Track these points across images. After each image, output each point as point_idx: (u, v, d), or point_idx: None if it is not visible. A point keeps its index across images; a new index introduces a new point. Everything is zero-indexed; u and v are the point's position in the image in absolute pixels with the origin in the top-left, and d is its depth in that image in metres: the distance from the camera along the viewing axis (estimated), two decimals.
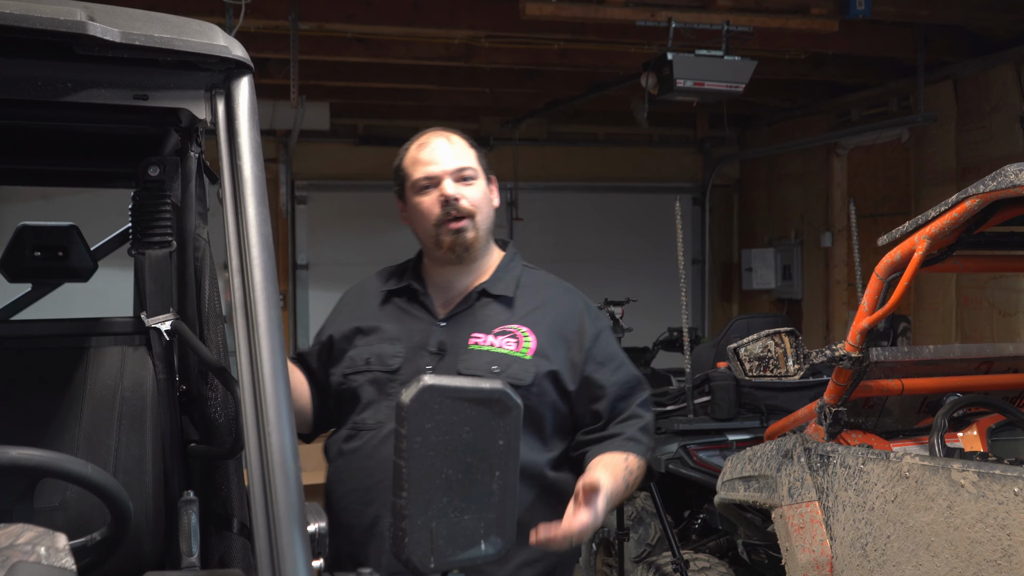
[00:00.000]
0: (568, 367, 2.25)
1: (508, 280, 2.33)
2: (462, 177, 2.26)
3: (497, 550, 1.33)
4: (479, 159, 2.33)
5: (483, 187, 2.30)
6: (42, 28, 1.44)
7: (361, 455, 2.26)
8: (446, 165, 2.26)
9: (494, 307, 2.28)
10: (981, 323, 6.99)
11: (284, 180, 8.80)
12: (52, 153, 2.57)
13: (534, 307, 2.30)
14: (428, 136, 2.32)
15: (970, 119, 7.06)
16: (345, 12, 5.86)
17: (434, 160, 2.27)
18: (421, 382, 1.28)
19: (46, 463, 1.51)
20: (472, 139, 2.36)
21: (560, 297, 2.35)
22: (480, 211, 2.27)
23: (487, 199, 2.31)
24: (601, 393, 2.27)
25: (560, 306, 2.32)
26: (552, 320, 2.28)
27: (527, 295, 2.32)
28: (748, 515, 3.82)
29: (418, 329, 2.29)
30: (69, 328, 2.43)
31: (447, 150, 2.28)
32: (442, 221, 2.25)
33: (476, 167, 2.29)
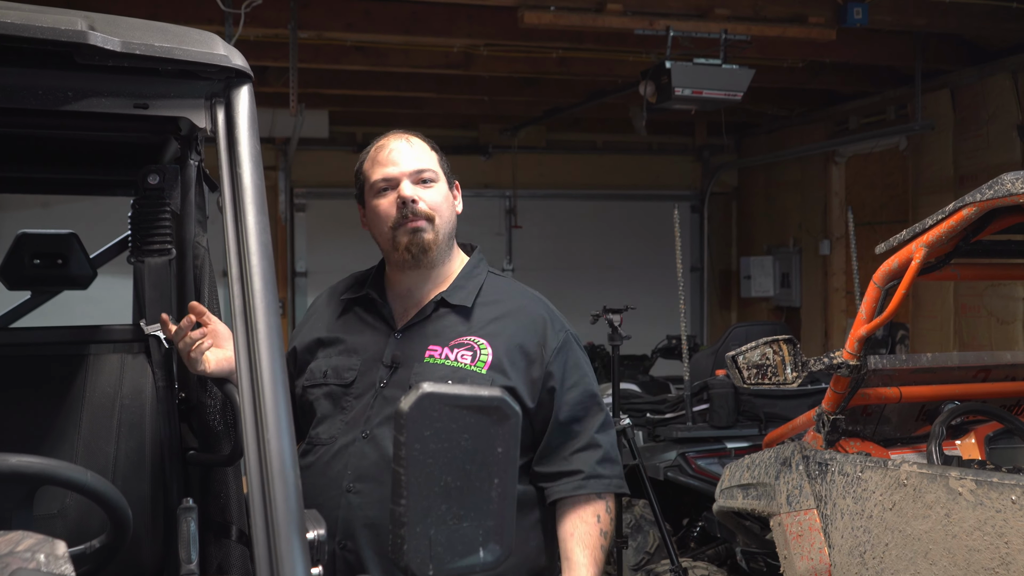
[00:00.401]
0: (527, 383, 2.15)
1: (469, 289, 2.24)
2: (421, 179, 2.18)
3: (496, 557, 1.33)
4: (441, 162, 2.25)
5: (444, 191, 2.22)
6: (43, 37, 1.45)
7: (314, 471, 2.15)
8: (404, 167, 2.18)
9: (452, 318, 2.20)
10: (979, 331, 7.00)
11: (283, 187, 8.82)
12: (52, 161, 2.58)
13: (494, 317, 2.20)
14: (387, 139, 2.25)
15: (967, 127, 7.07)
16: (344, 21, 5.88)
17: (392, 161, 2.19)
18: (420, 390, 1.29)
19: (45, 470, 1.51)
20: (434, 143, 2.30)
21: (524, 308, 2.24)
22: (439, 214, 2.18)
23: (448, 203, 2.22)
24: (556, 413, 2.17)
25: (522, 317, 2.21)
26: (513, 332, 2.18)
27: (489, 305, 2.22)
28: (747, 523, 3.82)
29: (375, 341, 2.22)
30: (68, 336, 2.44)
31: (406, 152, 2.20)
32: (399, 223, 2.16)
33: (436, 169, 2.22)
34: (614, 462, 2.21)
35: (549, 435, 2.18)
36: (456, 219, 2.27)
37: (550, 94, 8.07)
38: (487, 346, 2.15)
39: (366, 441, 2.11)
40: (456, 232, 2.29)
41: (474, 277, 2.27)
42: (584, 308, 4.88)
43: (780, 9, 5.80)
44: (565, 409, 2.17)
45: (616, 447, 2.25)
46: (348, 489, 2.09)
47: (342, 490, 2.10)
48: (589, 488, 2.14)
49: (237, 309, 1.47)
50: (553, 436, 2.18)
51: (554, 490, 2.16)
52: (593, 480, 2.15)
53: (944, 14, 5.97)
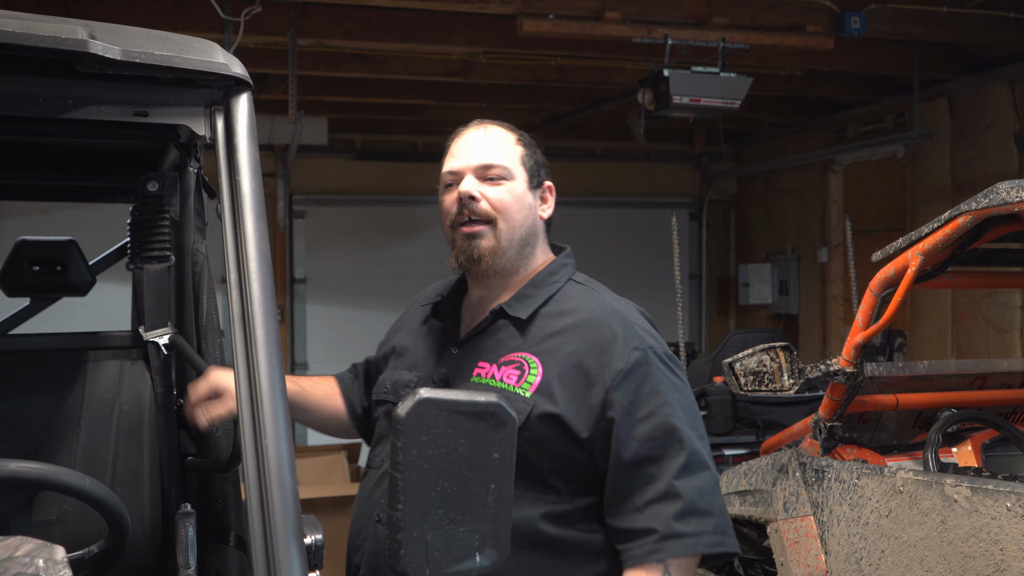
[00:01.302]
0: (581, 410, 1.82)
1: (536, 298, 1.95)
2: (488, 176, 1.94)
3: (492, 562, 1.34)
4: (526, 158, 1.98)
5: (517, 190, 1.95)
6: (43, 46, 1.46)
7: (360, 496, 2.03)
8: (471, 159, 1.94)
9: (509, 330, 1.93)
10: (977, 339, 7.01)
11: (282, 194, 8.83)
12: (52, 168, 2.59)
13: (555, 331, 1.90)
14: (465, 128, 2.02)
15: (965, 136, 7.09)
16: (343, 28, 5.90)
17: (461, 152, 1.96)
18: (417, 395, 1.30)
19: (44, 476, 1.52)
20: (525, 136, 2.04)
21: (593, 320, 1.90)
22: (505, 217, 1.92)
23: (521, 205, 1.95)
24: (622, 451, 1.80)
25: (587, 331, 1.89)
26: (572, 350, 1.87)
27: (554, 317, 1.93)
28: (744, 529, 3.83)
29: (435, 354, 2.02)
30: (67, 342, 2.44)
31: (478, 143, 1.96)
32: (456, 223, 1.94)
33: (511, 166, 1.95)
34: (702, 514, 1.78)
35: (613, 477, 1.82)
36: (539, 224, 2.02)
37: (549, 102, 8.09)
38: (537, 364, 1.87)
39: None
40: (548, 232, 2.06)
41: (547, 285, 1.98)
42: None
43: (778, 18, 5.82)
44: (632, 446, 1.80)
45: (710, 495, 1.80)
46: (379, 519, 1.93)
47: (372, 520, 1.95)
48: (665, 552, 1.75)
49: (235, 316, 1.48)
50: (619, 479, 1.81)
51: (626, 556, 1.80)
52: (671, 541, 1.75)
53: (941, 24, 5.99)
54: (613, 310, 1.93)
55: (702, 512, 1.78)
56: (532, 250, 2.00)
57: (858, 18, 5.62)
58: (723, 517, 1.81)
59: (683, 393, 1.88)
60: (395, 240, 8.79)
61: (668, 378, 1.86)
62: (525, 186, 1.97)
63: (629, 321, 1.91)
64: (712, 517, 1.78)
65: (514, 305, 1.95)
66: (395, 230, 8.85)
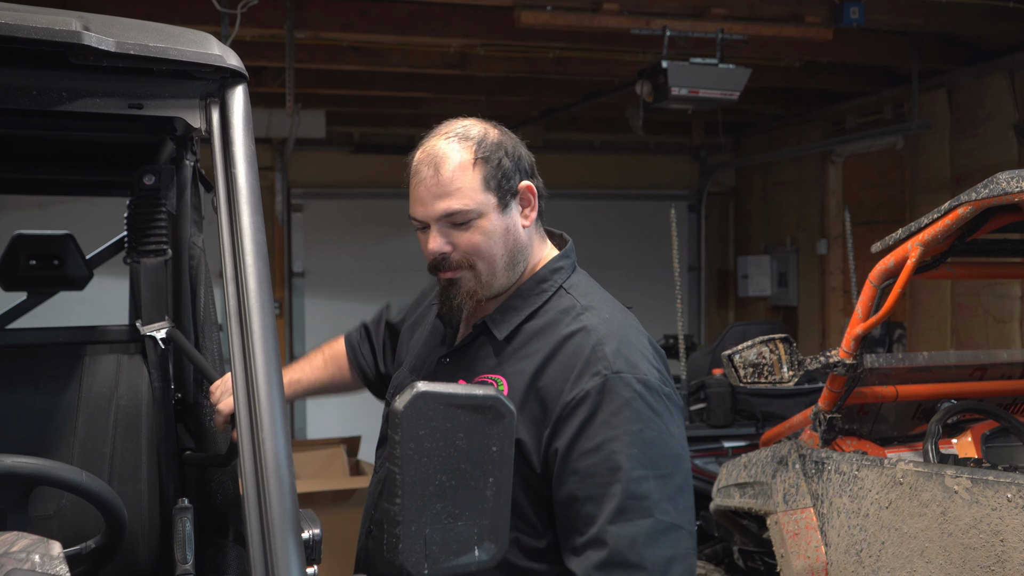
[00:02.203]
0: (534, 438, 1.70)
1: (520, 311, 1.84)
2: (452, 223, 1.79)
3: (491, 556, 1.33)
4: (488, 179, 1.80)
5: (488, 225, 1.79)
6: (37, 38, 1.45)
7: (368, 501, 2.01)
8: (431, 209, 1.79)
9: (488, 348, 1.84)
10: (976, 330, 7.00)
11: (280, 188, 8.81)
12: (48, 162, 2.58)
13: (528, 353, 1.78)
14: (422, 154, 1.85)
15: (964, 127, 7.08)
16: (340, 21, 5.88)
17: (419, 200, 1.82)
18: (415, 389, 1.29)
19: (41, 471, 1.51)
20: (489, 142, 1.84)
21: (569, 337, 1.76)
22: (482, 256, 1.80)
23: (495, 237, 1.81)
24: (559, 486, 1.66)
25: (557, 350, 1.75)
26: (537, 369, 1.74)
27: (532, 334, 1.81)
28: (744, 522, 3.83)
29: (431, 361, 1.94)
30: (64, 336, 2.44)
31: (432, 188, 1.79)
32: (434, 270, 1.85)
33: (474, 204, 1.78)
34: (628, 568, 1.58)
35: (557, 513, 1.69)
36: (523, 236, 1.86)
37: (547, 94, 8.08)
38: (505, 386, 1.76)
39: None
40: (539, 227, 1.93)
41: (535, 295, 1.86)
42: None
43: (776, 9, 5.80)
44: (571, 482, 1.64)
45: (643, 547, 1.59)
46: (369, 531, 1.92)
47: (366, 528, 1.95)
48: None
49: (232, 309, 1.47)
50: (561, 516, 1.68)
51: None
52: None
53: (940, 14, 5.97)
54: (593, 329, 1.76)
55: (628, 565, 1.58)
56: (523, 264, 1.87)
57: (857, 8, 5.61)
58: (656, 572, 1.59)
59: (648, 426, 1.65)
60: (394, 234, 8.78)
61: (633, 408, 1.66)
62: (496, 213, 1.80)
63: (605, 342, 1.73)
64: (641, 572, 1.58)
65: (496, 319, 1.84)
66: (394, 224, 8.83)
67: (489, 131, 1.87)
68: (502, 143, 1.85)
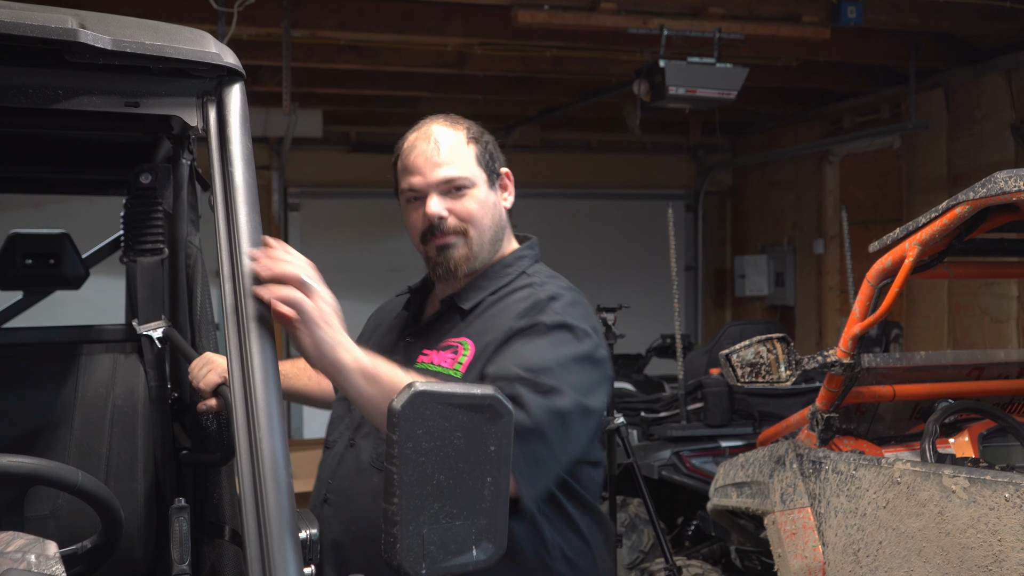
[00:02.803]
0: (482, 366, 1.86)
1: (485, 288, 2.00)
2: (451, 189, 1.97)
3: (489, 556, 1.33)
4: (481, 156, 2.01)
5: (481, 195, 1.99)
6: (33, 36, 1.44)
7: (323, 473, 2.10)
8: (431, 176, 1.96)
9: (455, 319, 1.99)
10: (973, 330, 7.01)
11: (277, 187, 8.81)
12: (44, 161, 2.57)
13: (488, 312, 1.96)
14: (417, 135, 2.03)
15: (961, 127, 7.09)
16: (338, 20, 5.87)
17: (418, 169, 1.98)
18: (412, 388, 1.28)
19: (36, 471, 1.51)
20: (475, 128, 2.06)
21: (526, 295, 1.94)
22: (475, 224, 1.97)
23: (487, 207, 2.00)
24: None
25: (515, 303, 1.93)
26: (499, 323, 1.91)
27: (493, 302, 1.97)
28: (741, 521, 3.83)
29: (392, 344, 2.07)
30: (60, 335, 2.43)
31: (432, 156, 1.97)
32: (427, 238, 2.00)
33: (470, 174, 1.98)
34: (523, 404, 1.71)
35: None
36: (505, 217, 2.06)
37: (544, 93, 8.07)
38: (470, 345, 1.91)
39: (350, 449, 2.03)
40: (510, 217, 2.10)
41: (499, 277, 2.02)
42: None
43: (774, 8, 5.80)
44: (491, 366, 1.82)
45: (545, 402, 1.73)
46: (325, 499, 2.02)
47: (321, 499, 2.05)
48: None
49: (229, 308, 1.47)
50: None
51: None
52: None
53: (937, 13, 5.98)
54: (545, 288, 1.94)
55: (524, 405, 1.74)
56: (500, 244, 2.06)
57: (854, 8, 5.61)
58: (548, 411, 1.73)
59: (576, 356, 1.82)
60: (390, 233, 8.76)
61: (569, 348, 1.83)
62: (486, 187, 2.01)
63: (557, 298, 1.91)
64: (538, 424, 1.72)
65: (463, 295, 2.01)
66: (390, 223, 8.81)
67: (473, 123, 2.09)
68: (485, 131, 2.08)
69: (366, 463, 1.98)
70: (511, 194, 2.09)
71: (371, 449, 1.97)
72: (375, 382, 1.57)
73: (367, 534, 1.86)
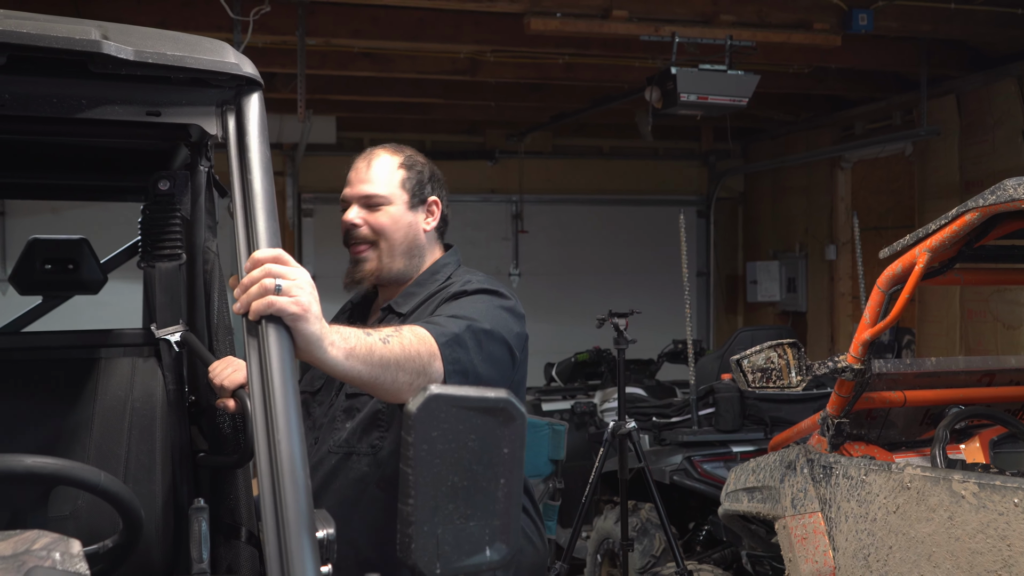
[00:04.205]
0: None
1: (418, 295, 2.24)
2: (369, 204, 2.25)
3: (502, 556, 1.35)
4: (406, 182, 2.27)
5: (396, 212, 2.24)
6: (58, 47, 1.47)
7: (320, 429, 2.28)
8: (355, 189, 2.27)
9: (395, 323, 2.18)
10: (985, 336, 7.00)
11: (291, 193, 8.86)
12: (64, 167, 2.61)
13: (422, 313, 2.17)
14: (361, 156, 2.32)
15: (973, 133, 7.08)
16: (351, 27, 5.91)
17: (349, 183, 2.30)
18: (427, 391, 1.31)
19: (61, 471, 1.53)
20: (415, 159, 2.32)
21: (448, 287, 2.22)
22: (386, 237, 2.23)
23: (400, 224, 2.25)
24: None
25: (440, 294, 2.20)
26: (425, 310, 2.16)
27: (431, 305, 2.18)
28: (752, 526, 3.84)
29: None
30: (80, 340, 2.46)
31: (362, 173, 2.28)
32: (346, 242, 2.29)
33: (388, 192, 2.24)
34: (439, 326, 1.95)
35: None
36: (423, 236, 2.29)
37: (556, 100, 8.10)
38: None
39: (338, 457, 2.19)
40: (441, 237, 2.35)
41: (430, 283, 2.27)
42: (590, 312, 4.90)
43: (785, 15, 5.82)
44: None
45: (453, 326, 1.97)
46: (331, 450, 2.19)
47: (341, 454, 2.19)
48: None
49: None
50: None
51: None
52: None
53: (949, 20, 5.98)
54: (467, 275, 2.24)
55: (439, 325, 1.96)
56: (420, 259, 2.30)
57: (865, 15, 5.62)
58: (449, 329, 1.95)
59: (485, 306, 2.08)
60: None
61: (476, 300, 2.10)
62: (404, 208, 2.26)
63: (475, 276, 2.22)
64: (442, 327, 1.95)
65: (399, 302, 2.26)
66: None
67: (419, 155, 2.35)
68: (427, 164, 2.34)
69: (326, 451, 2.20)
70: (435, 219, 2.33)
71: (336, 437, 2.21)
72: (353, 357, 1.66)
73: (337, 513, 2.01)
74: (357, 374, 1.67)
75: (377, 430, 2.16)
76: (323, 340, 1.56)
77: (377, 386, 1.74)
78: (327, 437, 2.21)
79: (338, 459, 2.18)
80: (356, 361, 1.65)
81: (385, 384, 1.74)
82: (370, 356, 1.68)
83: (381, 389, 1.76)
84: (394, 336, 1.78)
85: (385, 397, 1.87)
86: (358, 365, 1.65)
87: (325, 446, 2.20)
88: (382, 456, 2.14)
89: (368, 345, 1.69)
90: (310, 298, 1.53)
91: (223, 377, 2.10)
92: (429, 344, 1.85)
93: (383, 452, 2.14)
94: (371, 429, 2.16)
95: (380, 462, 2.14)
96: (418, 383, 1.76)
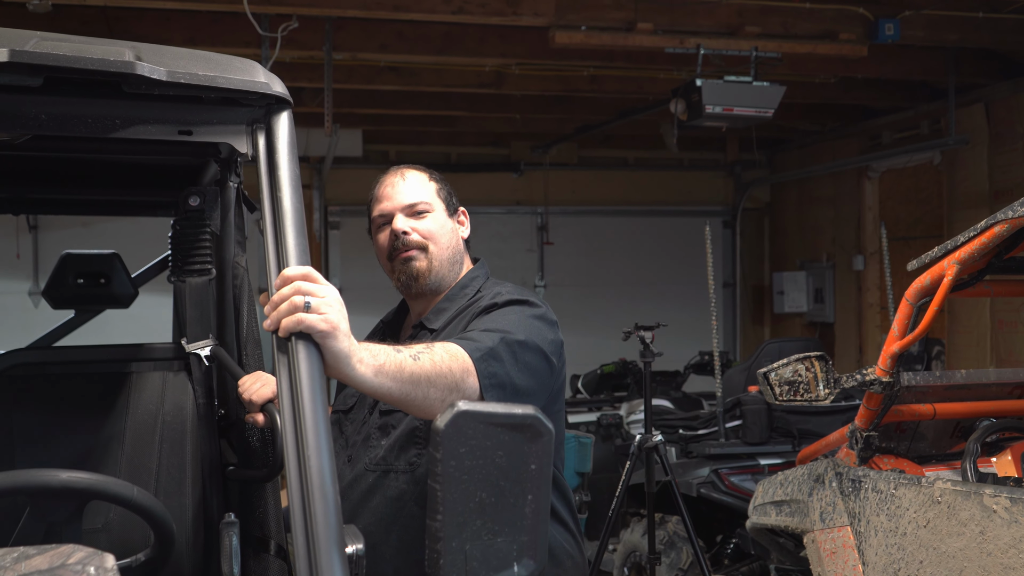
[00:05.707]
0: None
1: (449, 310, 2.27)
2: (414, 212, 2.30)
3: (530, 572, 1.35)
4: (440, 191, 2.35)
5: (440, 219, 2.31)
6: (92, 68, 1.50)
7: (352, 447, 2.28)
8: (397, 201, 2.31)
9: (427, 339, 2.21)
10: (1017, 346, 6.92)
11: (317, 206, 8.92)
12: (97, 183, 2.64)
13: (454, 328, 2.19)
14: (386, 175, 2.38)
15: (1002, 142, 7.02)
16: (378, 42, 5.96)
17: (387, 197, 2.33)
18: (455, 408, 1.32)
19: (95, 486, 1.56)
20: (435, 173, 2.41)
21: (480, 299, 2.24)
22: (434, 241, 2.28)
23: (446, 230, 2.32)
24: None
25: (472, 307, 2.23)
26: (458, 325, 2.20)
27: (463, 320, 2.21)
28: (780, 540, 3.81)
29: None
30: (111, 354, 2.49)
31: (399, 187, 2.33)
32: (392, 255, 2.30)
33: (430, 200, 2.32)
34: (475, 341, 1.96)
35: None
36: (461, 243, 2.36)
37: (581, 112, 8.12)
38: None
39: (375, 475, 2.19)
40: (467, 249, 2.39)
41: (460, 298, 2.30)
42: (616, 324, 4.90)
43: (810, 26, 5.80)
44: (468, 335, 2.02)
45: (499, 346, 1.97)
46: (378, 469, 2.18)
47: (379, 471, 2.19)
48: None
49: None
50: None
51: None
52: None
53: (976, 29, 5.94)
54: (495, 294, 2.24)
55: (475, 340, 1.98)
56: (459, 266, 2.35)
57: (892, 25, 5.59)
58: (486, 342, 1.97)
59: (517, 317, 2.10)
60: None
61: (507, 312, 2.12)
62: (444, 214, 2.34)
63: (505, 287, 2.27)
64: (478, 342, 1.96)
65: (431, 318, 2.28)
66: None
67: (436, 172, 2.43)
68: (446, 181, 2.42)
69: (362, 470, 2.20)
70: (467, 228, 2.41)
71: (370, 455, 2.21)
72: (383, 374, 1.66)
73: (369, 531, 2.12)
74: (387, 391, 1.68)
75: (415, 447, 2.15)
76: (351, 357, 1.57)
77: (408, 403, 1.75)
78: (362, 455, 2.21)
79: (376, 477, 2.17)
80: (385, 378, 1.66)
81: (416, 400, 1.75)
82: (400, 373, 1.69)
83: (413, 406, 1.77)
84: (425, 353, 1.79)
85: (417, 414, 1.88)
86: (387, 382, 1.66)
87: (361, 464, 2.20)
88: (420, 473, 2.13)
89: (398, 362, 1.70)
90: (339, 315, 1.53)
91: (252, 391, 2.12)
92: (462, 360, 1.86)
93: (421, 469, 2.13)
94: (408, 446, 2.16)
95: (418, 479, 2.13)
96: (450, 399, 1.75)
